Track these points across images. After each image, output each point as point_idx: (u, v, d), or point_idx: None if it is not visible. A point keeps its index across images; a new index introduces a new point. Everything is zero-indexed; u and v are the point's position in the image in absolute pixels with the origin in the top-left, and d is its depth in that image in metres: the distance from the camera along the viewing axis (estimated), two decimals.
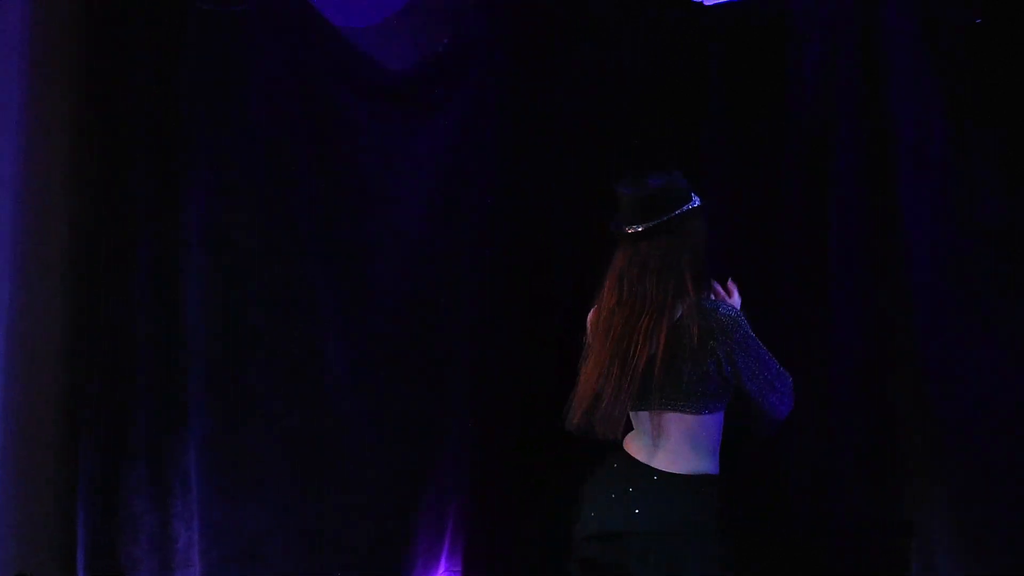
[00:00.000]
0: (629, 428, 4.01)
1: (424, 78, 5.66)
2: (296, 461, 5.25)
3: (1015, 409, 4.89)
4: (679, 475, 3.82)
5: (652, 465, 3.84)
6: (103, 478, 4.98)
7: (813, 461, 5.07)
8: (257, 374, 5.18)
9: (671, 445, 3.84)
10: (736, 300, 4.08)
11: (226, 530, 5.10)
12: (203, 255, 5.08)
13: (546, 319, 5.77)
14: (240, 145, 5.15)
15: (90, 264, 5.00)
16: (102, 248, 5.01)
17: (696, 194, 3.97)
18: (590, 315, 4.02)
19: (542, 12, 5.75)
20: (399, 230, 5.55)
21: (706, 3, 5.36)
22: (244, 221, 5.18)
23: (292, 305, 5.28)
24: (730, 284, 4.12)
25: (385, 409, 5.48)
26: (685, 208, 3.87)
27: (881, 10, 5.06)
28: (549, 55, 5.79)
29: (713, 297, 4.00)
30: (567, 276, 5.74)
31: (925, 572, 5.08)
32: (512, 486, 5.74)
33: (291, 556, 5.23)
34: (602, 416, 3.82)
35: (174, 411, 5.06)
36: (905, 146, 4.97)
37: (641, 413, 3.88)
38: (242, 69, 5.12)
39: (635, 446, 3.93)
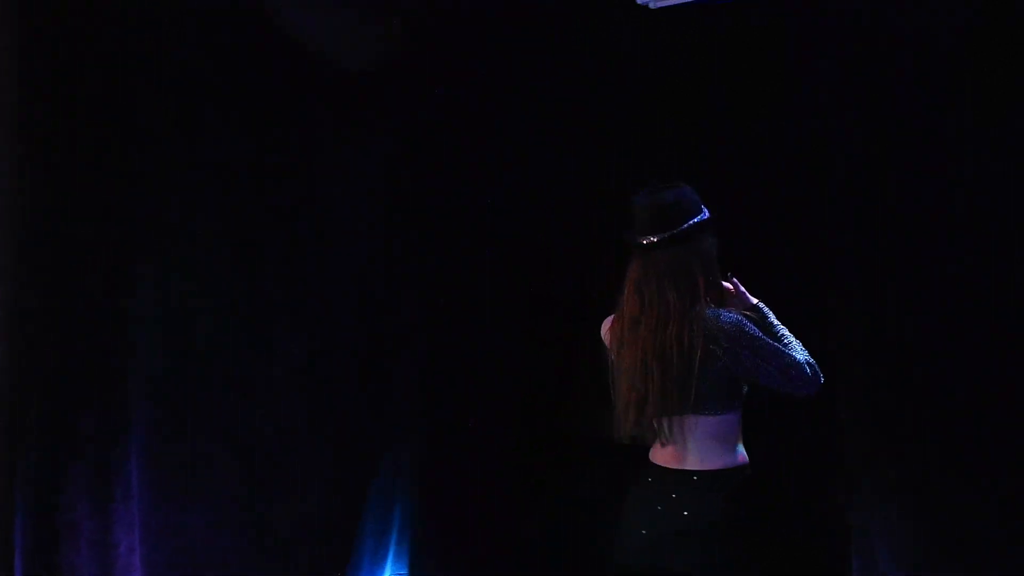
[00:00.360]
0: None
1: (379, 79, 5.63)
2: (239, 466, 5.25)
3: (952, 415, 4.96)
4: (715, 471, 4.01)
5: (686, 468, 4.02)
6: (42, 484, 4.98)
7: (760, 461, 5.11)
8: (201, 381, 5.16)
9: (700, 446, 4.03)
10: (743, 293, 4.27)
11: (168, 535, 5.09)
12: (149, 263, 5.02)
13: (494, 322, 5.77)
14: (185, 151, 5.10)
15: (32, 271, 4.93)
16: (46, 254, 4.94)
17: (705, 206, 4.15)
18: (606, 326, 4.18)
19: (489, 17, 5.74)
20: (346, 235, 5.52)
21: (651, 6, 5.38)
22: (191, 228, 5.13)
23: (236, 312, 5.24)
24: (732, 281, 4.27)
25: (330, 413, 5.49)
26: (696, 220, 4.06)
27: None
28: (500, 59, 5.78)
29: (729, 288, 4.21)
30: (515, 279, 5.74)
31: (865, 571, 5.15)
32: (459, 486, 5.73)
33: (234, 560, 5.20)
34: (650, 421, 4.02)
35: (117, 418, 5.05)
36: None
37: (664, 420, 4.03)
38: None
39: (662, 455, 4.08)
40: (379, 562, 5.67)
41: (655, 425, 4.03)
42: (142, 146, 5.11)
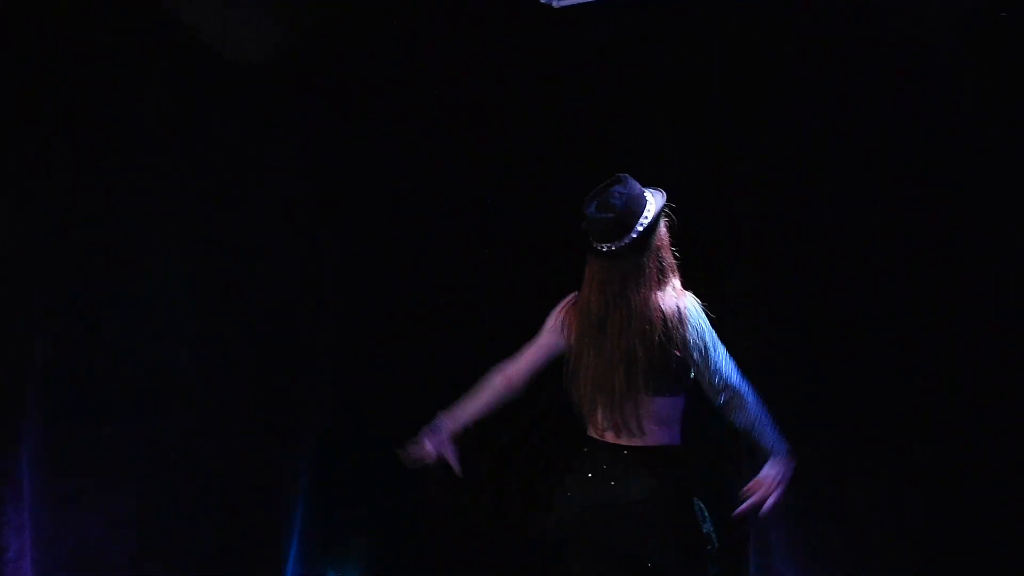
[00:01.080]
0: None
1: (278, 74, 5.56)
2: (135, 467, 5.17)
3: (842, 415, 5.05)
4: (646, 447, 4.17)
5: (620, 443, 4.17)
6: None
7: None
8: (96, 382, 5.08)
9: (641, 423, 4.18)
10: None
11: (60, 538, 4.99)
12: (50, 257, 4.92)
13: (407, 326, 5.75)
14: (86, 141, 5.01)
15: None
16: None
17: (649, 188, 4.28)
18: (559, 317, 4.30)
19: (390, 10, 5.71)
20: (256, 232, 5.47)
21: (554, 5, 5.39)
22: (95, 221, 5.03)
23: (132, 313, 5.16)
24: None
25: (235, 415, 5.42)
26: (649, 219, 4.20)
27: None
28: (401, 53, 5.75)
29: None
30: (426, 281, 5.73)
31: (762, 570, 5.21)
32: (354, 488, 5.71)
33: (128, 563, 5.12)
34: (618, 410, 4.17)
35: (7, 420, 4.93)
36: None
37: (624, 403, 4.19)
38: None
39: (600, 429, 4.23)
40: (280, 564, 5.64)
41: (618, 418, 4.18)
42: (42, 148, 5.01)
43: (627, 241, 4.17)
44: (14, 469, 4.91)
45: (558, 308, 4.32)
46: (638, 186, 4.25)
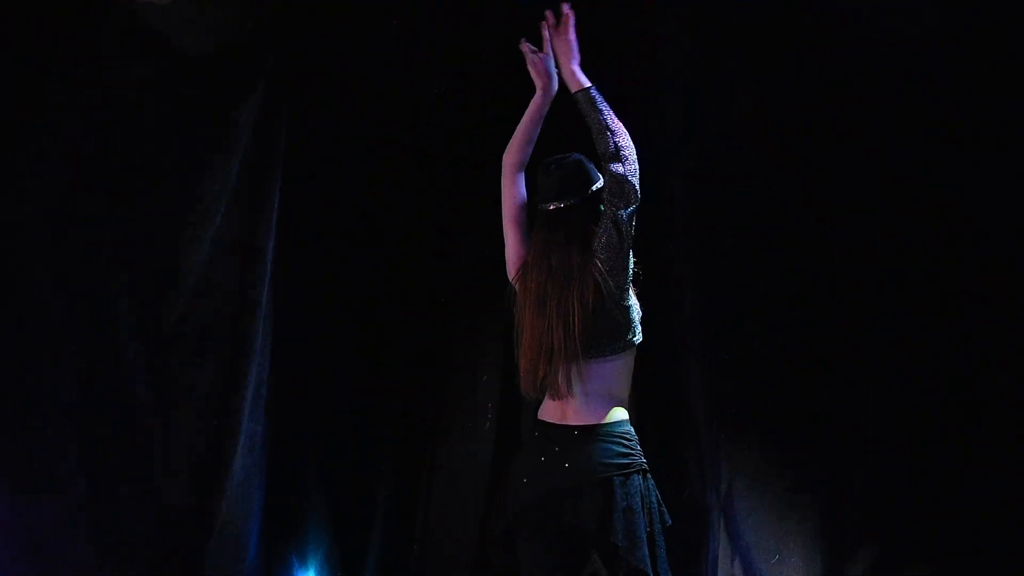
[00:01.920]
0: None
1: (224, 64, 5.54)
2: (87, 456, 5.10)
3: (805, 399, 5.09)
4: (594, 425, 4.17)
5: (568, 423, 4.18)
6: None
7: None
8: (46, 368, 5.04)
9: (587, 400, 4.19)
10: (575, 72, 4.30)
11: (16, 528, 4.93)
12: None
13: (351, 314, 5.75)
14: (30, 131, 4.98)
15: None
16: None
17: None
18: (514, 286, 4.31)
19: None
20: (199, 219, 5.44)
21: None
22: (35, 208, 5.00)
23: (85, 294, 5.12)
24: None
25: (182, 403, 5.38)
26: (596, 187, 4.22)
27: None
28: (350, 42, 5.75)
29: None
30: (365, 270, 5.73)
31: (723, 553, 5.23)
32: (310, 478, 5.71)
33: (81, 554, 5.09)
34: (555, 377, 4.18)
35: None
36: None
37: (563, 370, 4.19)
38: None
39: (549, 411, 4.24)
40: (241, 553, 5.62)
41: (556, 379, 4.18)
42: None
43: (575, 200, 4.21)
44: None
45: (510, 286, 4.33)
46: (592, 164, 4.28)
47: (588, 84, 4.21)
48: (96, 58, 5.15)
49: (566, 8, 4.26)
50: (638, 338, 4.22)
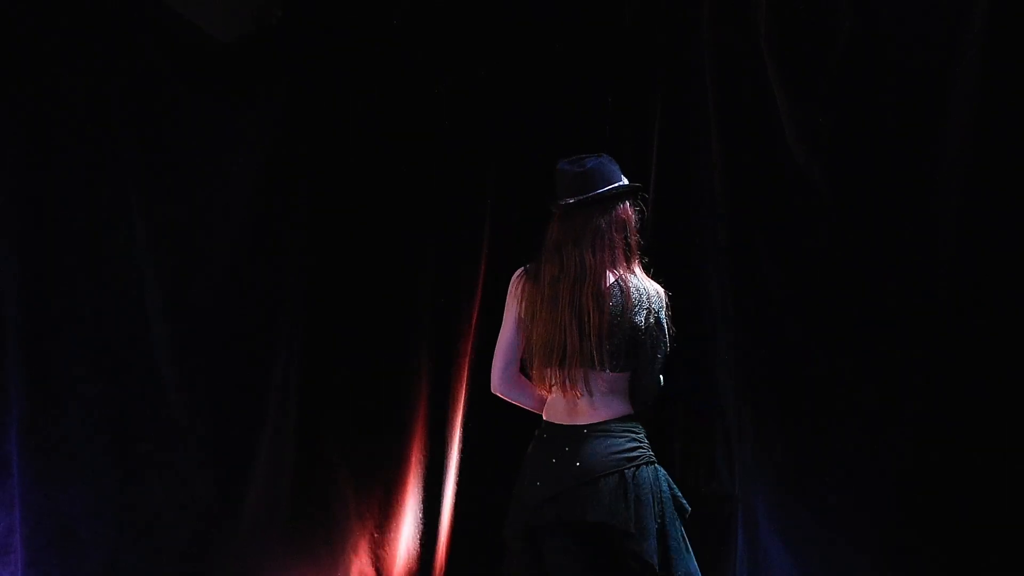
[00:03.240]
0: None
1: (254, 52, 5.58)
2: (116, 444, 5.15)
3: (823, 398, 5.08)
4: (602, 423, 4.18)
5: (577, 423, 4.17)
6: None
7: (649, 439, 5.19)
8: (77, 357, 5.09)
9: (595, 401, 4.19)
10: None
11: (48, 514, 4.98)
12: (16, 234, 4.93)
13: (370, 307, 5.77)
14: (49, 121, 5.04)
15: None
16: None
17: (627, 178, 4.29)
18: (518, 284, 4.28)
19: None
20: (225, 210, 5.47)
21: None
22: (61, 199, 5.04)
23: (114, 284, 5.16)
24: None
25: (210, 393, 5.43)
26: (615, 186, 4.19)
27: None
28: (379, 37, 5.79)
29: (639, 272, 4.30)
30: (392, 265, 5.75)
31: (749, 544, 5.22)
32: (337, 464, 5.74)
33: (110, 541, 5.13)
34: (568, 376, 4.15)
35: None
36: None
37: (578, 374, 4.17)
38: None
39: (558, 413, 4.24)
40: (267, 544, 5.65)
41: (566, 379, 4.16)
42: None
43: (591, 195, 4.17)
44: (3, 445, 4.93)
45: (512, 282, 4.31)
46: (616, 166, 4.27)
47: None
48: (116, 48, 5.18)
49: None
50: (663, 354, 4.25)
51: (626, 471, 4.10)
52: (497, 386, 4.33)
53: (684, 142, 5.32)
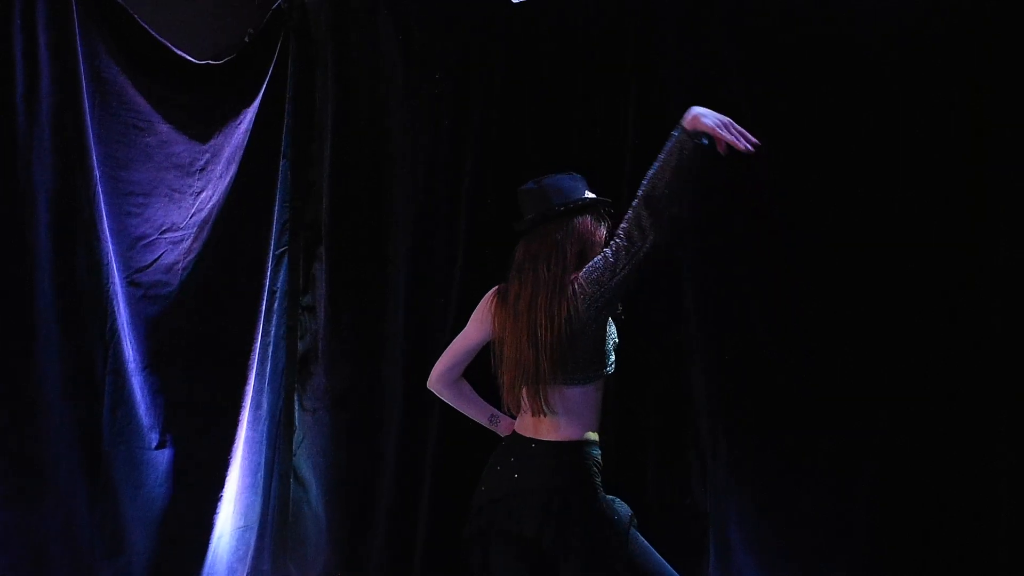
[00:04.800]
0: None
1: (231, 70, 5.59)
2: (84, 462, 5.09)
3: (797, 416, 5.09)
4: (553, 442, 4.22)
5: (528, 435, 4.25)
6: None
7: (619, 452, 5.18)
8: (42, 373, 5.00)
9: (554, 418, 4.24)
10: None
11: (14, 535, 4.91)
12: None
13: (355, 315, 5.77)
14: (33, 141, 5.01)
15: None
16: None
17: (594, 192, 4.30)
18: (490, 302, 4.34)
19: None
20: (205, 222, 5.48)
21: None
22: (29, 212, 5.00)
23: (79, 299, 5.12)
24: None
25: (180, 406, 5.38)
26: (571, 200, 4.23)
27: None
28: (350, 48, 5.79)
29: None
30: (368, 270, 5.74)
31: (721, 561, 5.22)
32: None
33: (77, 563, 5.06)
34: (529, 393, 4.23)
35: None
36: None
37: (538, 390, 4.23)
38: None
39: (521, 424, 4.30)
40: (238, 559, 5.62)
41: (527, 396, 4.23)
42: None
43: (539, 214, 4.22)
44: None
45: (485, 298, 4.37)
46: (580, 183, 4.30)
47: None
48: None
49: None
50: (610, 370, 4.25)
51: (558, 490, 4.14)
52: (433, 382, 4.42)
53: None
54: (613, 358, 4.25)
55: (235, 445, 5.56)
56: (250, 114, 5.63)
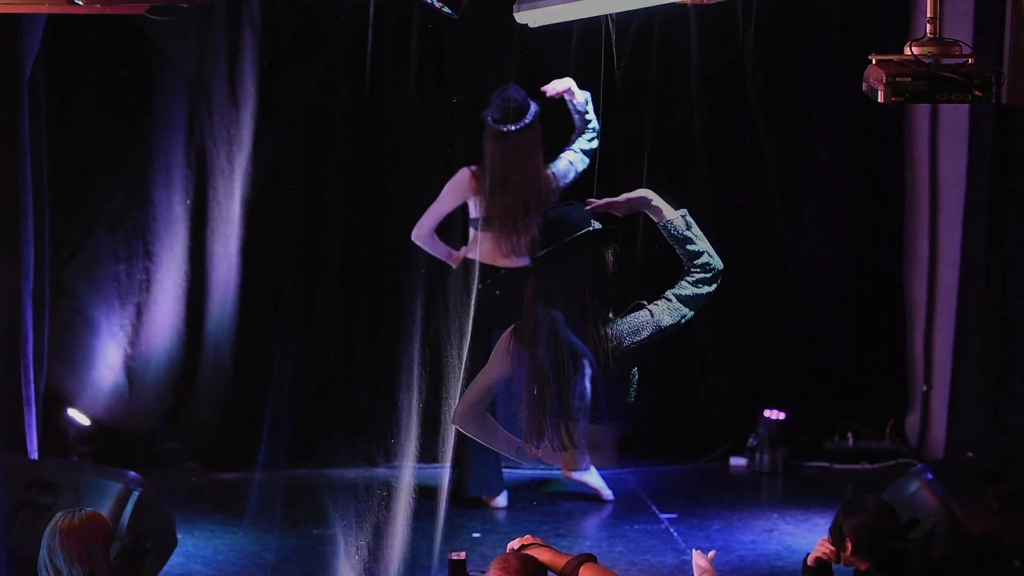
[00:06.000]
0: None
1: None
2: None
3: None
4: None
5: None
6: None
7: None
8: None
9: (574, 454, 4.49)
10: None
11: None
12: None
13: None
14: None
15: None
16: None
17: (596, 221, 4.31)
18: (508, 341, 4.33)
19: None
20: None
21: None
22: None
23: None
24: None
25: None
26: (580, 233, 4.21)
27: None
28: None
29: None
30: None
31: None
32: None
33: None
34: (548, 429, 4.24)
35: None
36: None
37: (560, 425, 4.24)
38: None
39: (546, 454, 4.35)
40: None
41: (547, 432, 4.21)
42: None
43: (554, 247, 4.21)
44: None
45: (504, 334, 4.38)
46: (584, 212, 4.30)
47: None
48: None
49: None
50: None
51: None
52: (458, 420, 4.36)
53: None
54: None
55: None
56: None
